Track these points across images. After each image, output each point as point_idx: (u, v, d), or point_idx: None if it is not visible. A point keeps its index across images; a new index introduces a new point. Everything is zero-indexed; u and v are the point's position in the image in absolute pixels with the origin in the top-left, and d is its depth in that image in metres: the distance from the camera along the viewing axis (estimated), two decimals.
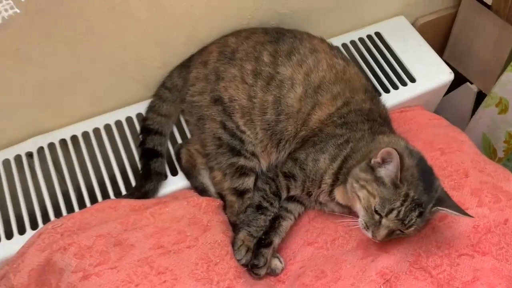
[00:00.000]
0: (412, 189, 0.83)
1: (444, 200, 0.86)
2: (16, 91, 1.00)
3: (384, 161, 0.84)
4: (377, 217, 0.85)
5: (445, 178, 1.00)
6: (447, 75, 1.26)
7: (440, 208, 0.84)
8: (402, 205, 0.83)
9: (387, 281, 0.87)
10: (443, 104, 1.46)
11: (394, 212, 0.83)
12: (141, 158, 1.07)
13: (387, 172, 0.84)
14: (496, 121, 1.36)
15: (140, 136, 1.10)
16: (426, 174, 0.86)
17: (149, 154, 1.06)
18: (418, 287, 0.87)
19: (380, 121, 1.02)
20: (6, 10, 0.64)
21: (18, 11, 0.66)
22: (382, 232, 0.85)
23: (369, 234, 0.87)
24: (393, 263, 0.88)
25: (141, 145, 1.08)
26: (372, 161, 0.86)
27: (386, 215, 0.84)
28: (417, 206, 0.83)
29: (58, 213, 1.00)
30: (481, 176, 1.02)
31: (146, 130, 1.09)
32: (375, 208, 0.85)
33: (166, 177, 1.06)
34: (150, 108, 1.12)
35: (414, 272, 0.88)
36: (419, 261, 0.89)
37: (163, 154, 1.08)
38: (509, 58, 1.32)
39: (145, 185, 1.03)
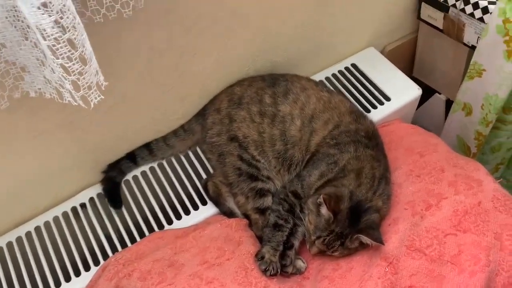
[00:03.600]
0: (338, 226, 1.03)
1: (364, 230, 1.02)
2: (72, 154, 1.14)
3: (321, 204, 1.03)
4: (312, 238, 1.06)
5: (426, 176, 1.15)
6: (416, 91, 1.40)
7: (359, 236, 1.02)
8: (328, 235, 1.04)
9: (390, 263, 1.01)
10: (419, 114, 1.59)
11: (321, 239, 1.04)
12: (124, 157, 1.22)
13: (323, 211, 1.04)
14: (465, 123, 1.48)
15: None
16: (355, 214, 1.04)
17: (129, 155, 1.22)
18: (415, 265, 0.99)
19: (365, 141, 1.14)
20: (95, 98, 0.71)
21: (103, 97, 0.72)
22: (313, 250, 1.07)
23: (308, 247, 1.09)
24: (393, 249, 1.02)
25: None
26: (318, 200, 1.04)
27: (315, 240, 1.05)
28: (340, 238, 1.03)
29: (114, 249, 1.12)
30: (455, 170, 1.14)
31: (147, 144, 1.24)
32: (309, 232, 1.06)
33: (125, 174, 1.22)
34: (162, 137, 1.25)
35: (410, 253, 1.01)
36: (413, 244, 1.02)
37: (138, 163, 1.22)
38: (465, 69, 1.42)
39: (109, 171, 1.20)
